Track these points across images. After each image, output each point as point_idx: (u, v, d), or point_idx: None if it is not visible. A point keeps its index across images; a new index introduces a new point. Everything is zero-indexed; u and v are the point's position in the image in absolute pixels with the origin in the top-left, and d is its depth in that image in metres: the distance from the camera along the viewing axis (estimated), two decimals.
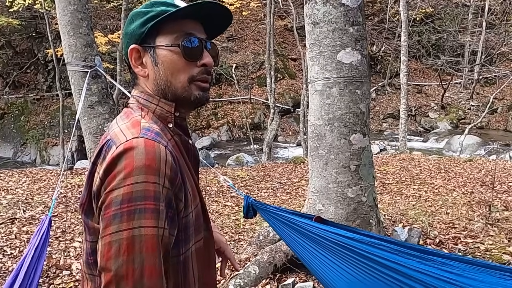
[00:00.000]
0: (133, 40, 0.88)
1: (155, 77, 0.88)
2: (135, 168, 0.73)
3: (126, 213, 0.72)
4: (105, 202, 0.74)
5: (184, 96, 0.89)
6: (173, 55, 0.86)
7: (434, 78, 20.28)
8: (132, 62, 0.89)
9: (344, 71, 2.64)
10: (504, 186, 5.48)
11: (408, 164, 7.38)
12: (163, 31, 0.87)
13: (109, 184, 0.74)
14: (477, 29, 18.05)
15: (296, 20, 13.05)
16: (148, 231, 0.72)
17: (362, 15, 2.70)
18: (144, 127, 0.81)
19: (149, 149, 0.75)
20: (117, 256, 0.71)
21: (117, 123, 0.87)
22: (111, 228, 0.72)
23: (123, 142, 0.77)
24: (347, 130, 2.68)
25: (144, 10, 0.88)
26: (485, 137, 14.72)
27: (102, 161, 0.79)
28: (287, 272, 2.83)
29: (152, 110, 0.88)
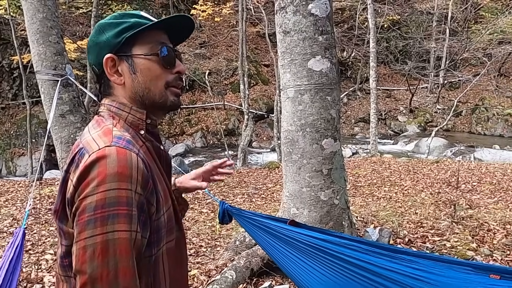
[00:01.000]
0: (106, 50, 0.91)
1: (133, 84, 0.92)
2: (108, 176, 0.76)
3: (100, 218, 0.75)
4: (79, 208, 0.77)
5: (161, 101, 0.93)
6: (151, 63, 0.91)
7: (402, 83, 20.94)
8: (107, 71, 0.91)
9: (315, 78, 2.72)
10: (468, 186, 5.75)
11: (379, 166, 7.60)
12: (139, 41, 0.91)
13: (83, 191, 0.77)
14: (441, 36, 18.83)
15: (268, 27, 13.22)
16: (122, 235, 0.75)
17: (331, 24, 2.80)
18: (115, 136, 0.84)
19: (121, 157, 0.79)
20: (92, 259, 0.74)
21: (89, 131, 0.90)
22: (86, 233, 0.75)
23: (96, 151, 0.80)
24: (319, 135, 2.76)
25: (115, 21, 0.92)
26: (451, 139, 15.31)
27: (75, 169, 0.82)
28: (263, 276, 2.87)
29: (124, 118, 0.92)
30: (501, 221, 3.76)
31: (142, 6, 20.31)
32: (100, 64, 0.91)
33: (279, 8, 2.82)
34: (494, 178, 6.20)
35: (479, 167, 7.32)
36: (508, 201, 4.80)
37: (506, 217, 3.94)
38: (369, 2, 9.89)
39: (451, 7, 17.68)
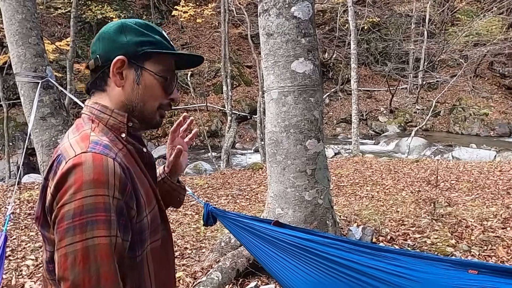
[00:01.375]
0: (121, 51, 0.91)
1: (131, 92, 0.94)
2: (84, 183, 0.77)
3: (78, 225, 0.76)
4: (58, 216, 0.78)
5: (149, 118, 0.97)
6: (156, 83, 0.95)
7: (382, 83, 21.30)
8: (113, 69, 0.91)
9: (298, 80, 2.76)
10: (447, 184, 5.90)
11: (361, 166, 7.72)
12: (154, 59, 0.94)
13: (61, 199, 0.78)
14: (419, 38, 19.24)
15: (250, 28, 13.26)
16: (101, 241, 0.77)
17: (313, 27, 2.85)
18: (92, 141, 0.85)
19: (97, 163, 0.79)
20: (73, 266, 0.76)
21: (68, 136, 0.91)
22: (66, 241, 0.76)
23: (72, 157, 0.81)
24: (303, 136, 2.80)
25: (141, 30, 0.94)
26: (430, 139, 15.66)
27: (53, 176, 0.82)
28: (249, 277, 2.89)
29: (105, 121, 0.93)
30: (478, 218, 3.88)
31: (123, 6, 20.07)
32: (106, 59, 0.92)
33: (262, 10, 2.85)
34: (472, 176, 6.38)
35: (457, 165, 7.52)
36: (485, 198, 4.95)
37: (483, 214, 4.07)
38: (350, 4, 10.05)
39: (428, 9, 18.10)
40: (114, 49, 0.92)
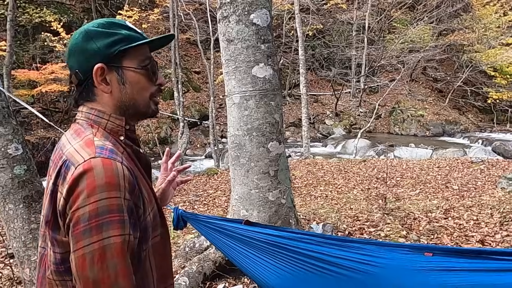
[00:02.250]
0: (97, 59, 0.92)
1: (120, 94, 0.96)
2: (97, 187, 0.81)
3: (94, 227, 0.80)
4: (72, 220, 0.81)
5: (145, 110, 1.00)
6: (140, 76, 0.97)
7: (327, 88, 22.14)
8: (96, 79, 0.93)
9: (259, 84, 2.86)
10: (393, 181, 6.31)
11: (313, 168, 8.00)
12: (130, 54, 0.95)
13: (74, 203, 0.81)
14: (360, 44, 20.30)
15: (199, 34, 13.23)
16: (117, 240, 0.81)
17: (271, 33, 2.96)
18: (98, 146, 0.88)
19: (107, 167, 0.83)
20: (92, 265, 0.80)
21: (69, 142, 0.92)
22: (83, 242, 0.80)
23: (81, 163, 0.84)
24: (265, 138, 2.90)
25: (106, 31, 0.94)
26: (373, 140, 16.53)
27: (63, 181, 0.85)
28: (216, 279, 2.92)
29: (103, 125, 0.95)
30: (423, 210, 4.22)
31: (61, 10, 19.13)
32: (86, 71, 0.93)
33: (222, 17, 2.91)
34: (414, 173, 6.87)
35: (400, 164, 8.05)
36: (427, 192, 5.37)
37: (427, 207, 4.43)
38: (297, 12, 10.40)
39: (368, 18, 19.16)
40: (88, 59, 0.93)
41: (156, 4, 18.65)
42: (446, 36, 19.94)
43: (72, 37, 0.96)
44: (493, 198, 4.70)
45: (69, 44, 0.97)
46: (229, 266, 2.91)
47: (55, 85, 13.26)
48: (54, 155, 0.96)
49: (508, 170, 6.61)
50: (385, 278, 1.86)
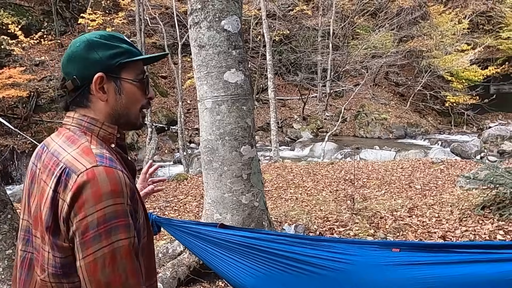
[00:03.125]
0: (98, 68, 0.97)
1: (116, 103, 1.00)
2: (103, 194, 0.86)
3: (103, 232, 0.86)
4: (80, 228, 0.86)
5: (134, 121, 1.05)
6: (135, 88, 1.03)
7: (295, 92, 22.49)
8: (95, 87, 0.97)
9: (231, 89, 2.90)
10: (360, 182, 6.51)
11: (283, 171, 8.12)
12: (129, 67, 1.01)
13: (80, 211, 0.85)
14: (325, 50, 20.79)
15: (166, 38, 13.12)
16: (124, 242, 0.88)
17: (242, 39, 3.02)
18: (97, 154, 0.92)
19: (111, 176, 0.89)
20: (103, 268, 0.86)
21: (64, 149, 0.94)
22: (93, 248, 0.86)
23: (84, 171, 0.87)
24: (237, 143, 2.94)
25: (108, 43, 0.99)
26: (340, 143, 16.95)
27: (64, 189, 0.88)
28: (191, 284, 2.93)
29: (96, 132, 0.98)
30: (389, 209, 4.40)
31: (20, 12, 18.39)
32: (84, 78, 0.97)
33: (193, 23, 2.94)
34: (379, 174, 7.12)
35: (366, 165, 8.32)
36: (392, 192, 5.59)
37: (393, 206, 4.62)
38: (264, 18, 10.55)
39: (332, 24, 19.68)
40: (89, 67, 0.97)
41: (121, 8, 18.26)
42: (406, 43, 20.78)
43: (72, 45, 0.99)
44: (453, 196, 4.97)
45: (68, 51, 0.99)
46: (203, 270, 2.93)
47: (13, 90, 12.72)
48: (44, 160, 0.97)
49: (466, 169, 6.99)
50: (356, 274, 1.94)
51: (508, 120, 22.24)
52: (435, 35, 20.69)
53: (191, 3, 2.94)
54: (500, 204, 3.82)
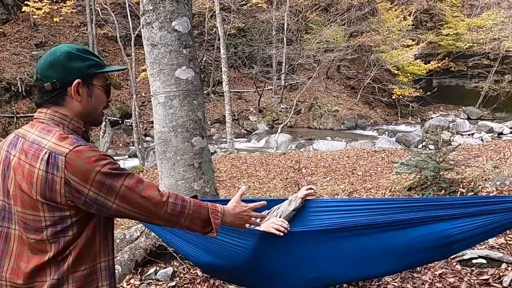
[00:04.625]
0: (76, 75, 1.22)
1: (87, 104, 1.27)
2: (95, 160, 1.14)
3: (112, 180, 1.15)
4: (96, 188, 1.14)
5: (98, 119, 1.33)
6: (102, 92, 1.31)
7: (250, 85, 22.83)
8: (73, 90, 1.22)
9: (182, 85, 3.15)
10: (309, 170, 6.98)
11: (237, 162, 8.44)
12: (99, 76, 1.30)
13: (87, 179, 1.13)
14: (280, 44, 21.27)
15: (118, 29, 12.91)
16: (130, 176, 1.20)
17: (192, 39, 3.27)
18: (72, 138, 1.18)
19: (91, 149, 1.17)
20: (132, 194, 1.18)
21: (43, 138, 1.18)
22: (114, 191, 1.15)
23: (70, 151, 1.14)
24: (189, 134, 3.20)
25: (84, 56, 1.26)
26: (294, 134, 17.54)
27: (57, 169, 1.13)
28: (148, 265, 3.17)
29: (66, 125, 1.23)
30: (331, 193, 4.85)
31: None
32: (64, 82, 1.22)
33: (145, 23, 3.14)
34: (327, 163, 7.64)
35: (316, 155, 8.84)
36: (336, 178, 6.09)
37: (335, 190, 5.08)
38: (217, 12, 10.73)
39: (286, 18, 20.16)
40: (68, 73, 1.22)
41: None
42: (356, 38, 21.70)
43: (53, 54, 1.24)
44: (389, 180, 5.52)
45: (49, 59, 1.23)
46: (159, 251, 3.18)
47: None
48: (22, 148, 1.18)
49: (404, 157, 7.66)
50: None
51: (448, 112, 23.95)
52: (382, 30, 21.78)
53: (143, 4, 3.14)
54: (424, 185, 4.37)
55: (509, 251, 3.01)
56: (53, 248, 1.17)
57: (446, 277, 2.79)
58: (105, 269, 1.26)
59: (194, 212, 1.31)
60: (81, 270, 1.20)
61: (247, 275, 2.27)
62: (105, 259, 1.26)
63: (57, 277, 1.18)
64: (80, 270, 1.20)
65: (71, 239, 1.18)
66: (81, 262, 1.20)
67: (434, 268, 2.91)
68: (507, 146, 7.64)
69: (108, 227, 1.28)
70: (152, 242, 3.28)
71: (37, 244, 1.18)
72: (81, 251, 1.19)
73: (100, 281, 1.25)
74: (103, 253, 1.26)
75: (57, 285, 1.18)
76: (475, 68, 23.10)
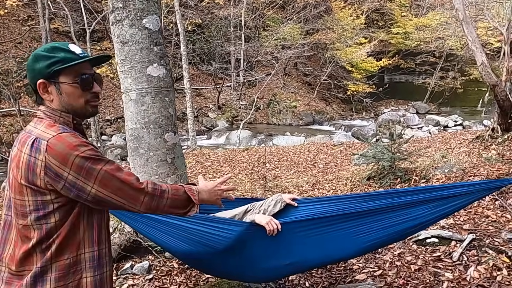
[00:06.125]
0: (39, 76, 1.25)
1: (60, 101, 1.29)
2: (76, 146, 1.18)
3: (91, 164, 1.19)
4: (75, 171, 1.17)
5: (81, 112, 1.33)
6: (73, 88, 1.28)
7: (209, 82, 22.76)
8: (40, 91, 1.27)
9: (154, 82, 3.20)
10: (272, 164, 7.18)
11: (201, 158, 8.49)
12: (65, 72, 1.27)
13: (66, 162, 1.16)
14: (238, 40, 21.37)
15: (72, 24, 12.45)
16: (108, 161, 1.24)
17: (162, 36, 3.32)
18: (59, 127, 1.24)
19: (74, 135, 1.22)
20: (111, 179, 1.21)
21: (34, 127, 1.25)
22: (93, 175, 1.18)
23: (53, 136, 1.18)
24: (161, 130, 3.26)
25: (47, 55, 1.25)
26: (254, 130, 17.75)
27: (38, 153, 1.17)
28: (123, 260, 3.20)
29: (57, 118, 1.29)
30: (296, 185, 5.07)
31: None
32: (34, 83, 1.27)
33: (115, 20, 3.16)
34: (289, 157, 7.89)
35: (278, 150, 9.08)
36: (299, 172, 6.33)
37: (299, 183, 5.31)
38: (177, 8, 10.65)
39: (244, 15, 20.29)
40: (35, 76, 1.26)
41: None
42: (312, 35, 22.25)
43: (29, 58, 1.28)
44: (348, 172, 5.84)
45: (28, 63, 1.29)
46: (135, 246, 3.22)
47: None
48: (20, 139, 1.24)
49: (361, 150, 8.08)
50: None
51: (399, 107, 25.21)
52: (337, 29, 22.47)
53: (112, 2, 3.15)
54: (381, 175, 4.70)
55: (457, 230, 3.36)
56: (36, 234, 1.20)
57: (404, 256, 3.07)
58: (90, 260, 1.26)
59: (173, 195, 1.35)
60: (64, 259, 1.21)
61: (224, 265, 2.39)
62: (90, 249, 1.27)
63: (40, 265, 1.19)
64: (63, 259, 1.21)
65: (53, 227, 1.20)
66: (63, 251, 1.21)
67: (394, 249, 3.19)
68: (452, 138, 8.29)
69: (93, 216, 1.28)
70: (126, 237, 3.31)
71: (24, 230, 1.22)
72: (63, 240, 1.20)
73: (84, 272, 1.25)
74: (88, 243, 1.26)
75: (40, 273, 1.19)
76: (422, 65, 24.48)
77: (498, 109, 5.95)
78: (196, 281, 2.87)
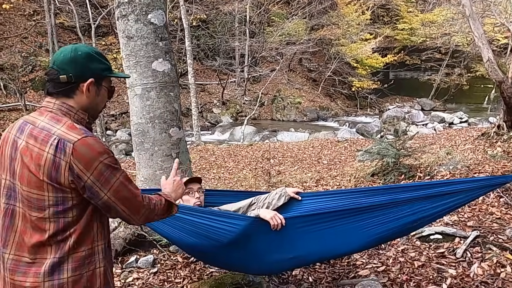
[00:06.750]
0: (91, 74, 1.35)
1: (93, 100, 1.39)
2: (99, 153, 1.27)
3: (111, 173, 1.28)
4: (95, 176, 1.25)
5: (97, 114, 1.47)
6: (106, 93, 1.45)
7: (213, 77, 22.76)
8: (86, 87, 1.35)
9: (159, 77, 3.22)
10: (276, 160, 7.19)
11: (205, 154, 8.52)
12: (107, 78, 1.44)
13: (90, 167, 1.24)
14: (242, 36, 21.32)
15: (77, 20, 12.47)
16: (124, 173, 1.34)
17: (168, 31, 3.33)
18: (81, 129, 1.30)
19: (97, 141, 1.30)
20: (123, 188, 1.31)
21: (52, 126, 1.28)
22: (111, 182, 1.28)
23: (77, 140, 1.25)
24: (166, 125, 3.28)
25: (101, 59, 1.40)
26: (258, 126, 17.76)
27: (64, 154, 1.24)
28: (128, 254, 3.23)
29: (73, 116, 1.34)
30: (300, 181, 5.08)
31: None
32: (78, 77, 1.33)
33: (120, 15, 3.17)
34: (293, 153, 7.90)
35: (282, 146, 9.08)
36: (303, 167, 6.34)
37: (303, 178, 5.32)
38: (182, 3, 10.63)
39: (248, 10, 20.23)
40: (86, 71, 1.35)
41: None
42: (317, 31, 22.16)
43: (74, 51, 1.34)
44: (352, 168, 5.84)
45: (69, 55, 1.34)
46: (139, 239, 3.25)
47: None
48: (32, 133, 1.28)
49: (365, 146, 8.07)
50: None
51: (404, 103, 25.09)
52: (342, 24, 22.36)
53: None
54: (386, 171, 4.69)
55: (461, 227, 3.36)
56: (52, 227, 1.28)
57: (408, 252, 3.08)
58: (102, 251, 1.38)
59: (160, 205, 1.50)
60: (80, 251, 1.31)
61: (228, 257, 2.42)
62: (102, 242, 1.39)
63: (58, 256, 1.29)
64: (80, 251, 1.31)
65: (71, 221, 1.29)
66: (80, 244, 1.31)
67: (397, 245, 3.19)
68: (457, 135, 8.25)
69: (103, 212, 1.39)
70: (130, 231, 3.33)
71: (38, 221, 1.28)
72: (81, 234, 1.31)
73: (98, 263, 1.36)
74: (100, 236, 1.38)
75: (58, 263, 1.29)
76: (428, 62, 24.32)
77: (504, 106, 5.92)
78: (200, 275, 2.90)
